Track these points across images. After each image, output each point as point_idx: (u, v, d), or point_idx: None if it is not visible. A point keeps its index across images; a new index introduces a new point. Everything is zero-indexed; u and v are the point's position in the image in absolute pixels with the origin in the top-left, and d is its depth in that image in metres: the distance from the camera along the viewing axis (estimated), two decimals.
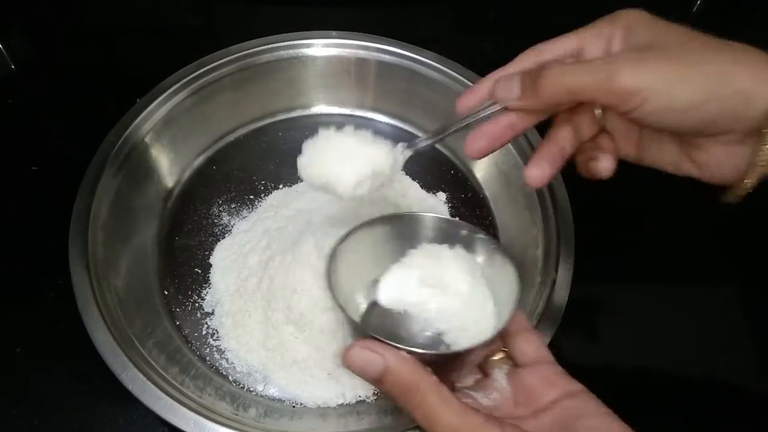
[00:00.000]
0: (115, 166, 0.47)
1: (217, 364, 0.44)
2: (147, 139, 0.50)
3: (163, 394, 0.37)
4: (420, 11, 0.71)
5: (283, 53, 0.55)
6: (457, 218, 0.52)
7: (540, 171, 0.35)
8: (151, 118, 0.51)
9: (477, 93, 0.36)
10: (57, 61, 0.64)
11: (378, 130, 0.57)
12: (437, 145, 0.57)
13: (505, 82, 0.34)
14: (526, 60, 0.35)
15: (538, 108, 0.34)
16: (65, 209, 0.51)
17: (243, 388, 0.43)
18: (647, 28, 0.33)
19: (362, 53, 0.55)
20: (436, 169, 0.56)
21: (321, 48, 0.56)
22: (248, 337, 0.45)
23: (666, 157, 0.35)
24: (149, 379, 0.38)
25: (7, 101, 0.59)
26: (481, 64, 0.54)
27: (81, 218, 0.44)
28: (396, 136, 0.57)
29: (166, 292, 0.47)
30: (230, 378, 0.44)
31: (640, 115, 0.31)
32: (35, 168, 0.54)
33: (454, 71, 0.54)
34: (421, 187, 0.54)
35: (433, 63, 0.55)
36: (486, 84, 0.36)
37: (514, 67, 0.36)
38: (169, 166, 0.53)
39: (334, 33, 0.56)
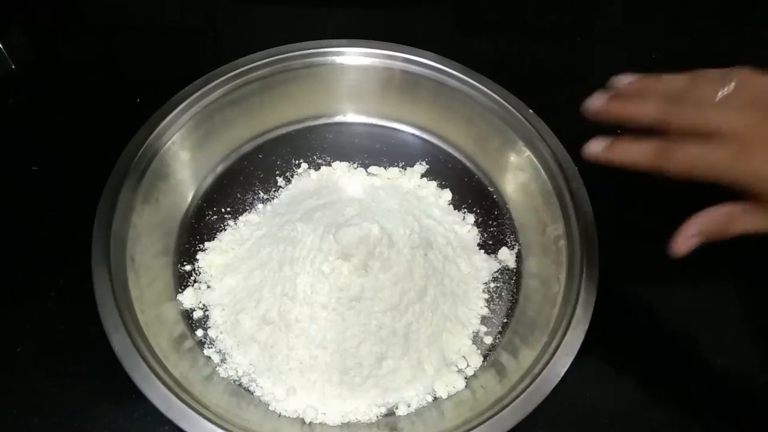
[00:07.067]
0: (139, 170, 0.47)
1: (228, 369, 0.44)
2: (172, 144, 0.50)
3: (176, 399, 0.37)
4: (420, 11, 0.71)
5: (308, 61, 0.55)
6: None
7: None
8: (177, 122, 0.51)
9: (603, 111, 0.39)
10: (57, 61, 0.64)
11: (402, 141, 0.58)
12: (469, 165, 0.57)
13: (635, 146, 0.37)
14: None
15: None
16: (65, 209, 0.52)
17: (265, 402, 0.43)
18: None
19: (389, 62, 0.55)
20: (464, 187, 0.55)
21: (352, 57, 0.55)
22: (262, 347, 0.44)
23: None
24: (166, 385, 0.38)
25: (7, 101, 0.59)
26: (481, 64, 0.55)
27: (103, 225, 0.44)
28: (422, 149, 0.57)
29: (183, 304, 0.47)
30: (248, 388, 0.44)
31: None
32: (35, 168, 0.54)
33: (477, 82, 0.54)
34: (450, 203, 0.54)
35: (459, 75, 0.54)
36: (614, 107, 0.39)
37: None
38: (190, 173, 0.53)
39: (362, 42, 0.56)
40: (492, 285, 0.49)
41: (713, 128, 0.35)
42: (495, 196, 0.54)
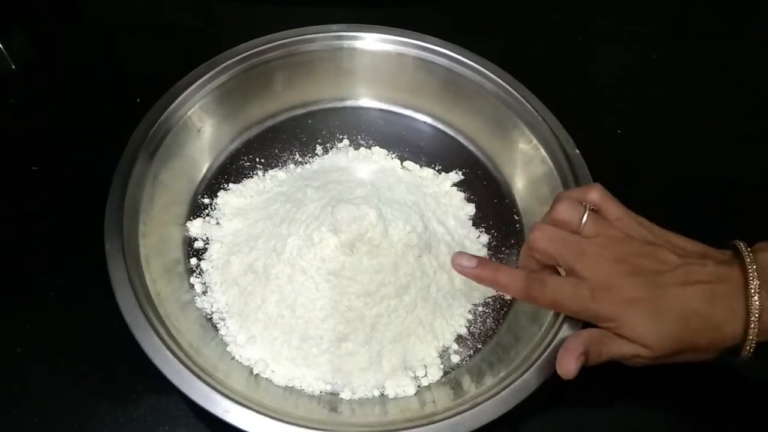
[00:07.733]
0: (150, 149, 0.48)
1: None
2: (186, 121, 0.52)
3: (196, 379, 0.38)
4: (420, 11, 0.72)
5: (325, 44, 0.57)
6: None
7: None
8: (191, 99, 0.52)
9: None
10: (57, 61, 0.64)
11: (413, 128, 0.59)
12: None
13: (505, 272, 0.39)
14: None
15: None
16: (65, 209, 0.52)
17: (225, 343, 0.44)
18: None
19: (402, 49, 0.57)
20: (491, 207, 0.54)
21: (369, 42, 0.57)
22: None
23: None
24: (184, 364, 0.38)
25: (7, 101, 0.59)
26: None
27: (115, 204, 0.45)
28: (433, 136, 0.58)
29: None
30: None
31: None
32: (35, 168, 0.54)
33: (489, 71, 0.55)
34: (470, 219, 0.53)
35: (468, 61, 0.55)
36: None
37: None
38: (203, 152, 0.55)
39: (377, 27, 0.58)
40: (480, 309, 0.48)
41: (570, 271, 0.38)
42: (518, 225, 0.53)
